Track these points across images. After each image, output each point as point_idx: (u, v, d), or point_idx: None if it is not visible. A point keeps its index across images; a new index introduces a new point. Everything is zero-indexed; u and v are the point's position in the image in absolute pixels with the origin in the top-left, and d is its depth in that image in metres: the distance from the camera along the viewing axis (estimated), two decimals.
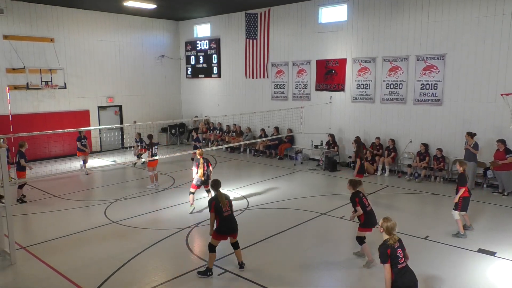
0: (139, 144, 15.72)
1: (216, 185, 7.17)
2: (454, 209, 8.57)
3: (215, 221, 6.85)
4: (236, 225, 7.04)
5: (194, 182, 10.22)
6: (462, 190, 8.42)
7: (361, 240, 7.29)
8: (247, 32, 18.03)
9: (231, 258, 7.56)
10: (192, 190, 10.23)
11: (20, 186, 11.35)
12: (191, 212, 10.11)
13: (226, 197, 7.02)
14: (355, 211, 7.30)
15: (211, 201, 6.90)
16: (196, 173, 10.11)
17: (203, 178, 10.10)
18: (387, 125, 14.46)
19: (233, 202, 10.74)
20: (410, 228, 8.93)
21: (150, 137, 13.18)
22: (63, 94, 17.40)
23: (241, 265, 7.08)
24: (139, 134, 15.78)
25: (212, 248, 6.89)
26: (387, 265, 4.86)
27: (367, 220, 7.30)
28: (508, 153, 11.18)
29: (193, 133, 15.68)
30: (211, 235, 6.90)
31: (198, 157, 10.18)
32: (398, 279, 4.87)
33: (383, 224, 5.06)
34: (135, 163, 15.62)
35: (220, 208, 6.80)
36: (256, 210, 10.39)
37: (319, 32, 15.88)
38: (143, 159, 14.26)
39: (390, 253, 4.87)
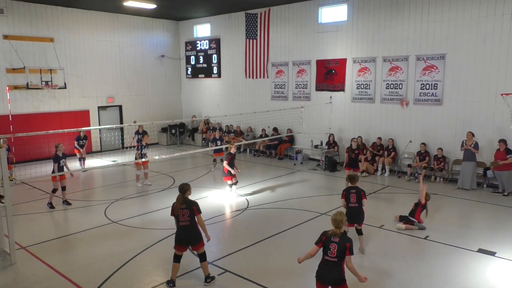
0: (136, 136, 15.37)
1: (179, 189, 6.48)
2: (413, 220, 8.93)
3: None
4: (193, 238, 6.36)
5: (228, 174, 11.16)
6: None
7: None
8: (247, 32, 18.03)
9: (232, 258, 7.57)
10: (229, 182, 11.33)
11: (54, 191, 10.71)
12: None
13: (188, 206, 6.34)
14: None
15: (172, 205, 6.46)
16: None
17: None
18: (387, 125, 14.46)
19: (232, 203, 10.90)
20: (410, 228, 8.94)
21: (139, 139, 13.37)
22: (63, 94, 17.40)
23: (206, 279, 6.55)
24: (141, 126, 16.02)
25: (174, 257, 6.46)
26: (316, 246, 5.27)
27: (347, 215, 7.43)
28: (509, 153, 11.18)
29: (215, 134, 15.06)
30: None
31: (232, 151, 11.17)
32: (319, 266, 5.27)
33: (332, 217, 5.37)
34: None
35: (177, 216, 6.34)
36: (256, 210, 10.39)
37: (319, 32, 15.88)
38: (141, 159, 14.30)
39: (324, 241, 5.20)
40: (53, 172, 10.63)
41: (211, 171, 14.69)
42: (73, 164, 15.35)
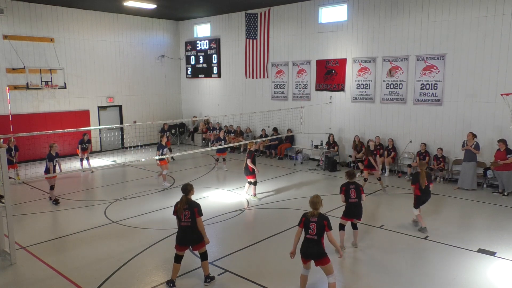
0: (163, 134, 15.93)
1: (183, 190, 6.52)
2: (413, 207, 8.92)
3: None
4: (194, 238, 6.41)
5: (253, 172, 11.15)
6: (412, 188, 8.88)
7: (340, 226, 7.88)
8: (247, 32, 18.03)
9: (232, 257, 7.57)
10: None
11: (52, 187, 11.02)
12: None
13: (190, 207, 6.36)
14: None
15: (175, 205, 6.51)
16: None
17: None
18: (387, 125, 14.47)
19: (232, 203, 10.90)
20: (410, 228, 8.94)
21: (161, 137, 13.64)
22: (63, 94, 17.40)
23: (206, 279, 6.57)
24: (168, 124, 16.74)
25: (175, 258, 6.48)
26: (299, 228, 5.99)
27: (346, 210, 7.86)
28: (509, 153, 11.17)
29: (220, 134, 15.39)
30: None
31: (252, 149, 11.30)
32: (302, 244, 5.96)
33: (310, 199, 6.06)
34: (172, 157, 16.04)
35: (179, 216, 6.38)
36: (256, 210, 10.40)
37: (319, 32, 15.88)
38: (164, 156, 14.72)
39: (304, 221, 5.92)
40: (47, 170, 10.89)
41: (214, 170, 14.69)
42: (73, 165, 15.41)
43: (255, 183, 11.26)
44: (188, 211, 6.36)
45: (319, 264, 5.86)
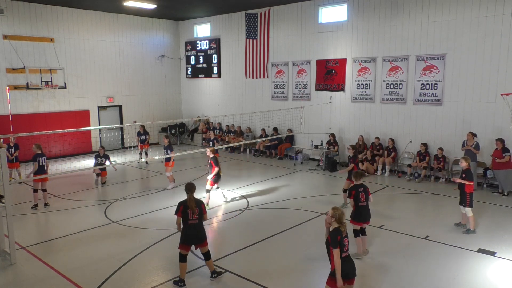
0: (140, 137, 16.14)
1: (189, 188, 6.55)
2: (467, 207, 8.71)
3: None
4: (202, 235, 6.52)
5: (211, 179, 10.56)
6: (470, 184, 8.69)
7: (355, 232, 7.50)
8: (247, 32, 18.03)
9: (231, 257, 7.57)
10: (208, 187, 10.63)
11: (35, 190, 10.72)
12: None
13: (198, 204, 6.46)
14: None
15: (179, 205, 6.45)
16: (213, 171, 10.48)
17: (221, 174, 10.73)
18: (387, 125, 14.46)
19: (232, 203, 10.91)
20: (410, 228, 8.94)
21: (166, 137, 13.48)
22: (63, 94, 17.40)
23: (212, 274, 6.71)
24: (143, 126, 16.23)
25: (181, 257, 6.49)
26: (337, 250, 5.05)
27: (356, 214, 7.51)
28: (505, 151, 11.22)
29: (210, 135, 15.36)
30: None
31: (212, 154, 10.59)
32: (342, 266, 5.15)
33: (334, 213, 5.28)
34: (142, 160, 15.89)
35: (187, 215, 6.38)
36: (256, 210, 10.39)
37: (319, 32, 15.88)
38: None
39: (339, 241, 5.10)
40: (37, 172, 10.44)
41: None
42: (73, 165, 15.37)
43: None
44: (196, 208, 6.44)
45: (352, 282, 5.27)
